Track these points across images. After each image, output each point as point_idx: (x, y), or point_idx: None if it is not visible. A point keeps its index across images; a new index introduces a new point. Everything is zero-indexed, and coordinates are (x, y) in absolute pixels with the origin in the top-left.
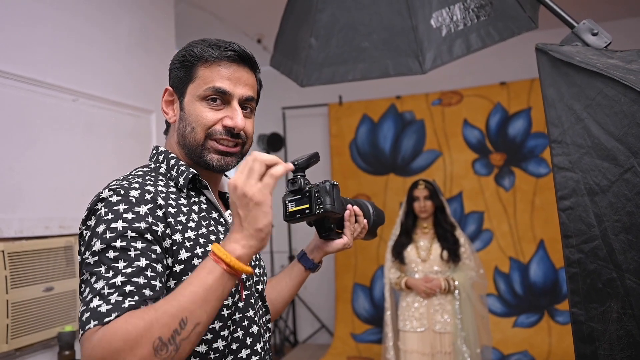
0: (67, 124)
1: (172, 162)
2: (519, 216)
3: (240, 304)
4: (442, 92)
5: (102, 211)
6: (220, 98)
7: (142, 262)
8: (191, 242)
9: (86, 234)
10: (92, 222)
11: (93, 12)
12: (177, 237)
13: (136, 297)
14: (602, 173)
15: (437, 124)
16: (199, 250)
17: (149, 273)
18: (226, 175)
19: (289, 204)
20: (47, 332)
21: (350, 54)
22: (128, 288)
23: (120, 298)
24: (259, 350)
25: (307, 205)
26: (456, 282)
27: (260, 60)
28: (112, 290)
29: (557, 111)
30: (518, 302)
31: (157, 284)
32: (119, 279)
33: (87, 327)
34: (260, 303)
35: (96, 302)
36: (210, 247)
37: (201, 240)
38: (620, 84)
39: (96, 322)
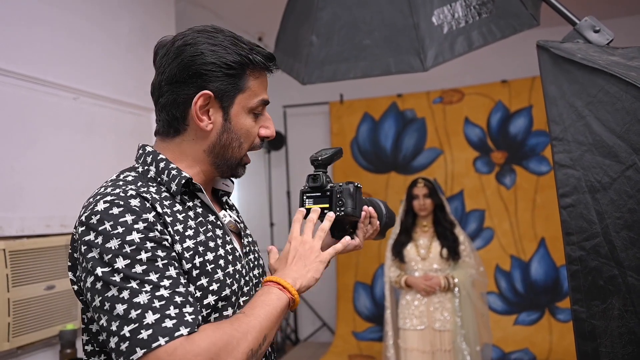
0: (68, 123)
1: (162, 165)
2: (520, 214)
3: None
4: (443, 90)
5: (107, 225)
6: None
7: (172, 271)
8: (190, 252)
9: (87, 249)
10: (96, 239)
11: (93, 10)
12: (177, 247)
13: (190, 308)
14: (604, 170)
15: (438, 122)
16: (197, 261)
17: (182, 280)
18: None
19: (307, 200)
20: (48, 331)
21: (352, 52)
22: (178, 299)
23: (177, 311)
24: (269, 349)
25: (327, 205)
26: (456, 280)
27: None
28: (163, 303)
29: (559, 108)
30: (519, 300)
31: (192, 289)
32: (164, 292)
33: (153, 345)
34: None
35: (152, 316)
36: (209, 256)
37: (200, 249)
38: (622, 81)
39: (167, 339)
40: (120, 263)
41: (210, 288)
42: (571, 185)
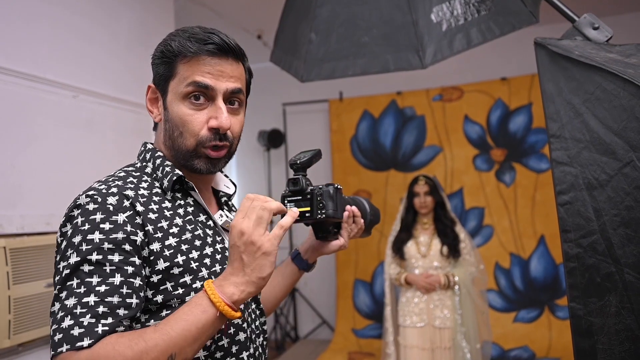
0: (68, 120)
1: (158, 161)
2: (519, 212)
3: None
4: (443, 87)
5: (79, 220)
6: (204, 94)
7: (117, 278)
8: (171, 251)
9: (62, 241)
10: (68, 230)
11: (93, 8)
12: (155, 246)
13: (110, 319)
14: (601, 167)
15: (438, 119)
16: (180, 259)
17: (124, 290)
18: (222, 172)
19: (289, 204)
20: (49, 328)
21: (351, 49)
22: (101, 309)
23: (93, 320)
24: (246, 358)
25: (308, 208)
26: (456, 278)
27: (261, 56)
28: (84, 311)
29: (556, 106)
30: (518, 298)
31: (133, 301)
32: (91, 299)
33: (59, 349)
34: (253, 306)
35: (67, 321)
36: (194, 254)
37: (183, 247)
38: (620, 78)
39: (68, 347)
40: (73, 258)
41: (194, 286)
42: (568, 182)
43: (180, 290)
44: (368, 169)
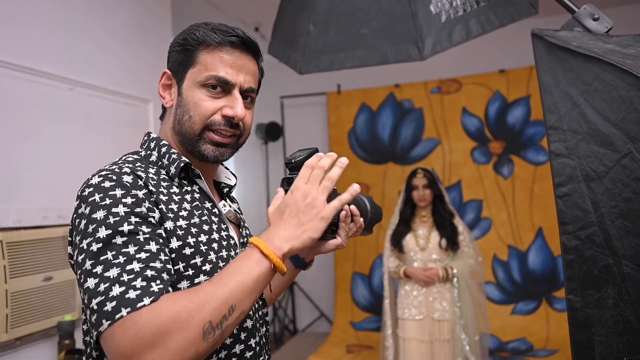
0: (64, 113)
1: (164, 149)
2: (517, 204)
3: None
4: (441, 80)
5: (97, 197)
6: (221, 86)
7: (153, 246)
8: (183, 231)
9: (79, 222)
10: (85, 210)
11: (89, 1)
12: (169, 224)
13: (159, 282)
14: (599, 159)
15: (436, 112)
16: (190, 240)
17: (162, 257)
18: (223, 164)
19: None
20: (46, 322)
21: (349, 41)
22: (149, 272)
23: (144, 283)
24: (254, 345)
25: None
26: (455, 271)
27: None
28: (132, 277)
29: (553, 97)
30: (516, 290)
31: (171, 267)
32: (135, 265)
33: (117, 315)
34: None
35: (118, 289)
36: (203, 238)
37: (193, 230)
38: (618, 69)
39: (129, 310)
40: (102, 232)
41: (203, 268)
42: (566, 174)
43: (191, 272)
44: (366, 162)
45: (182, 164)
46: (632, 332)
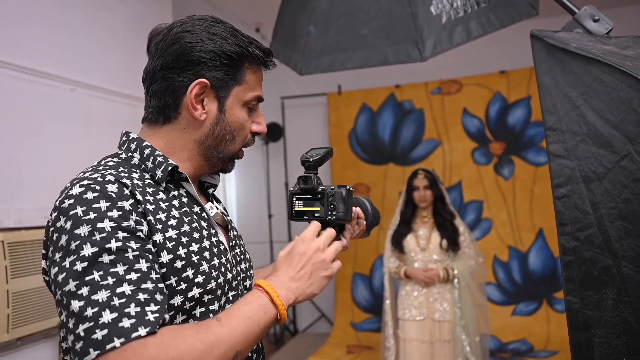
0: (65, 114)
1: (147, 151)
2: (518, 205)
3: (228, 306)
4: (442, 81)
5: (79, 210)
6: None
7: (143, 264)
8: (173, 243)
9: (58, 237)
10: (66, 224)
11: (89, 1)
12: (158, 237)
13: (153, 306)
14: (598, 160)
15: (437, 113)
16: (181, 252)
17: (153, 275)
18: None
19: (297, 202)
20: (48, 322)
21: (350, 42)
22: (142, 296)
23: (138, 309)
24: (249, 354)
25: (318, 209)
26: (455, 271)
27: None
28: (123, 301)
29: (553, 98)
30: (517, 291)
31: (163, 285)
32: (126, 287)
33: (108, 346)
34: None
35: (109, 315)
36: (194, 247)
37: (183, 240)
38: (617, 70)
39: (122, 340)
40: (87, 250)
41: (196, 280)
42: (565, 175)
43: (183, 286)
44: (367, 162)
45: (170, 167)
46: (631, 333)
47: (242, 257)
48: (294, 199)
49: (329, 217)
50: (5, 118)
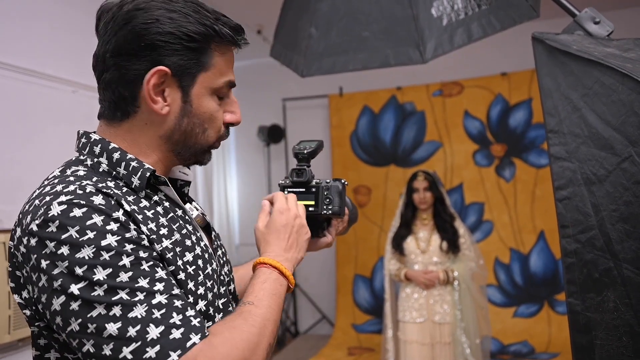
0: (67, 116)
1: (116, 155)
2: (519, 207)
3: (219, 316)
4: (443, 83)
5: (72, 232)
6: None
7: (161, 272)
8: (171, 253)
9: (49, 264)
10: (58, 250)
11: (91, 3)
12: (157, 247)
13: (191, 310)
14: (599, 162)
15: (438, 115)
16: (180, 262)
17: (172, 280)
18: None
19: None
20: None
21: (351, 44)
22: (178, 302)
23: (181, 316)
24: None
25: (312, 202)
26: (455, 273)
27: (260, 51)
28: (164, 311)
29: (554, 101)
30: (518, 293)
31: (180, 291)
32: (160, 298)
33: None
34: (234, 304)
35: (156, 331)
36: (188, 256)
37: (178, 249)
38: (618, 73)
39: (179, 352)
40: (101, 274)
41: (198, 292)
42: (567, 177)
43: (191, 299)
44: (368, 164)
45: (148, 173)
46: (632, 336)
47: (225, 259)
48: (286, 192)
49: (324, 212)
50: (6, 120)
